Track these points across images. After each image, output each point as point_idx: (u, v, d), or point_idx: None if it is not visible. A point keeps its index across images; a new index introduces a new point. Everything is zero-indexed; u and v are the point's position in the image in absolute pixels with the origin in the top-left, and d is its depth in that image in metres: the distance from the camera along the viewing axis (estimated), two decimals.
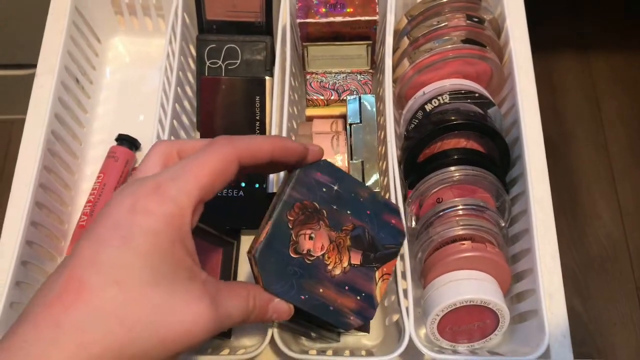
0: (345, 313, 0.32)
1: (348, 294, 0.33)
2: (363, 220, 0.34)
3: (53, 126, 0.50)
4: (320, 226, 0.32)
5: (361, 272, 0.33)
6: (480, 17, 0.50)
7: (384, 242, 0.34)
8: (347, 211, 0.33)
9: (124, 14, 0.60)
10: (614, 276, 1.13)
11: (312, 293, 0.32)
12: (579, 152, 1.23)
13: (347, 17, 0.49)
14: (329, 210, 0.33)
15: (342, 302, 0.32)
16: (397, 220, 0.36)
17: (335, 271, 0.32)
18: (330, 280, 0.32)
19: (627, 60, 1.30)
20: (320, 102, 0.52)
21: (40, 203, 0.48)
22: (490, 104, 0.48)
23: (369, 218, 0.34)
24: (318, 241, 0.32)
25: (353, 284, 0.33)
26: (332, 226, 0.33)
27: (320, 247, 0.32)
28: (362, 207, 0.34)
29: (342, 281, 0.33)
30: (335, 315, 0.32)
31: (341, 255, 0.33)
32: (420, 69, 0.49)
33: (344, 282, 0.33)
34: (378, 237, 0.34)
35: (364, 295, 0.33)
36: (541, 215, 0.45)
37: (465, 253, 0.44)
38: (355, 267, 0.33)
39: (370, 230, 0.34)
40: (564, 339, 0.41)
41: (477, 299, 0.42)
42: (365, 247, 0.34)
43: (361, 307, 0.33)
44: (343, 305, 0.32)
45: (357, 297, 0.33)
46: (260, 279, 0.31)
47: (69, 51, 0.53)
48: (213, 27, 0.55)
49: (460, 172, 0.46)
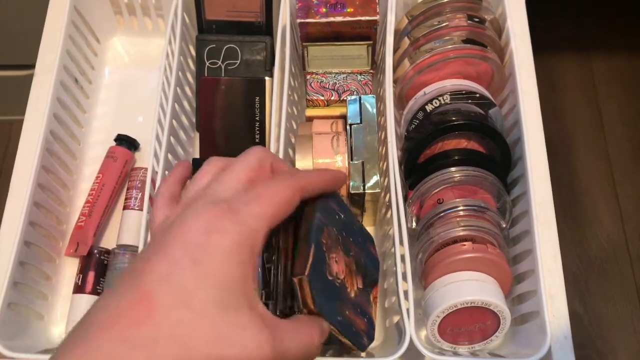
0: (361, 334, 0.33)
1: (360, 315, 0.34)
2: (359, 247, 0.35)
3: (52, 126, 0.50)
4: (340, 251, 0.33)
5: (363, 296, 0.35)
6: (481, 17, 0.50)
7: (369, 268, 0.36)
8: (351, 238, 0.35)
9: (124, 14, 0.60)
10: (615, 278, 1.12)
11: (343, 314, 0.32)
12: (580, 154, 1.23)
13: (348, 17, 0.49)
14: (342, 237, 0.34)
15: (358, 323, 0.33)
16: (374, 249, 0.38)
17: (352, 294, 0.33)
18: (350, 302, 0.33)
19: (627, 61, 1.30)
20: (321, 102, 0.51)
21: (39, 203, 0.48)
22: (491, 105, 0.48)
23: (360, 245, 0.36)
24: (341, 265, 0.33)
25: (361, 306, 0.34)
26: (345, 252, 0.34)
27: (342, 271, 0.33)
28: (357, 235, 0.36)
29: (356, 303, 0.34)
30: (356, 336, 0.33)
31: (354, 278, 0.34)
32: (421, 69, 0.49)
33: (357, 304, 0.34)
34: (366, 264, 0.36)
35: (367, 317, 0.34)
36: (542, 216, 0.45)
37: (466, 254, 0.44)
38: (360, 290, 0.34)
39: (363, 257, 0.36)
40: (565, 341, 0.41)
41: (478, 300, 0.42)
42: (363, 273, 0.35)
43: (367, 328, 0.34)
44: (359, 326, 0.33)
45: (364, 318, 0.34)
46: (311, 299, 0.31)
47: (68, 51, 0.53)
48: (213, 27, 0.55)
49: (461, 172, 0.45)
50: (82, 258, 0.50)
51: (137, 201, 0.52)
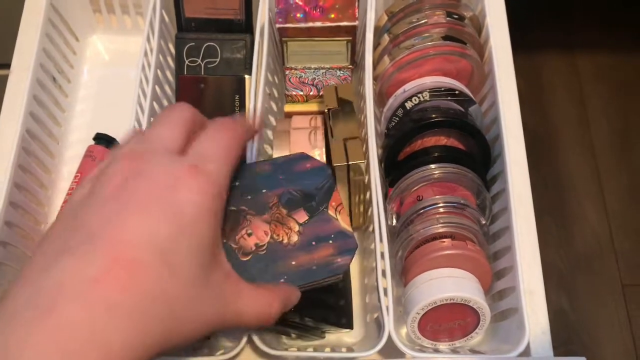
0: (329, 261, 0.32)
1: (319, 245, 0.33)
2: (282, 186, 0.34)
3: (28, 124, 0.49)
4: (249, 220, 0.33)
5: (316, 222, 0.33)
6: (461, 15, 0.50)
7: (314, 185, 0.34)
8: (263, 190, 0.34)
9: (102, 12, 0.59)
10: (601, 275, 1.13)
11: (289, 270, 0.32)
12: (566, 152, 1.23)
13: (327, 22, 0.49)
14: (246, 203, 0.33)
15: (320, 255, 0.33)
16: (311, 162, 0.35)
17: (293, 239, 0.33)
18: (295, 249, 0.32)
19: (612, 60, 1.31)
20: (300, 97, 0.51)
21: (15, 203, 0.47)
22: (471, 102, 0.48)
23: (284, 181, 0.34)
24: (258, 232, 0.32)
25: (316, 236, 0.33)
26: (260, 212, 0.33)
27: (264, 234, 0.32)
28: (271, 178, 0.34)
29: (305, 242, 0.33)
30: (322, 270, 0.32)
31: (287, 224, 0.33)
32: (401, 66, 0.49)
33: (308, 241, 0.33)
34: (305, 187, 0.34)
35: (333, 236, 0.33)
36: (521, 212, 0.45)
37: (445, 251, 0.43)
38: (307, 222, 0.33)
39: (295, 188, 0.34)
40: (544, 336, 0.41)
41: (457, 296, 0.42)
42: (302, 203, 0.34)
43: (339, 246, 0.33)
44: (323, 257, 0.33)
45: (329, 241, 0.33)
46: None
47: (45, 49, 0.52)
48: (192, 25, 0.54)
49: (440, 169, 0.45)
50: None
51: None
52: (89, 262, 0.23)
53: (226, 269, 0.28)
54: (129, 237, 0.24)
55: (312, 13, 0.49)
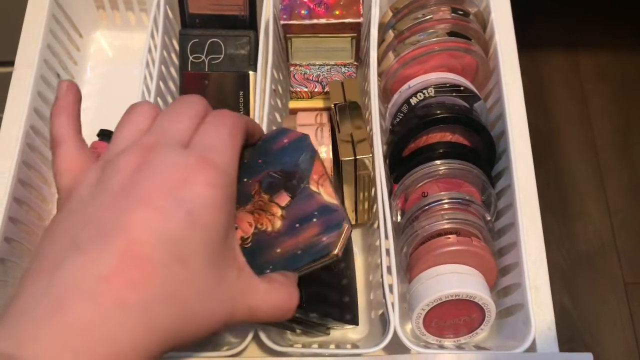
0: (315, 242, 0.30)
1: (303, 227, 0.31)
2: (261, 171, 0.32)
3: (32, 121, 0.49)
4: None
5: (298, 202, 0.31)
6: (466, 10, 0.50)
7: (293, 161, 0.32)
8: (244, 180, 0.32)
9: (106, 8, 0.59)
10: (603, 273, 1.13)
11: (273, 260, 0.30)
12: (568, 150, 1.23)
13: (332, 19, 0.49)
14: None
15: (305, 237, 0.31)
16: (289, 136, 0.33)
17: (277, 225, 0.31)
18: (280, 235, 0.31)
19: (613, 58, 1.31)
20: (304, 94, 0.51)
21: (19, 199, 0.47)
22: (476, 98, 0.48)
23: (264, 164, 0.32)
24: (243, 224, 0.31)
25: (299, 217, 0.31)
26: (243, 204, 0.32)
27: (248, 225, 0.31)
28: (251, 165, 0.33)
29: (289, 226, 0.31)
30: (308, 252, 0.30)
31: (269, 211, 0.31)
32: (406, 62, 0.49)
33: (291, 225, 0.31)
34: (285, 165, 0.32)
35: (317, 213, 0.31)
36: (527, 209, 0.45)
37: (450, 247, 0.43)
38: (289, 204, 0.31)
39: (274, 169, 0.32)
40: (549, 332, 0.41)
41: (463, 293, 0.42)
42: (283, 183, 0.32)
43: (324, 222, 0.31)
44: (307, 238, 0.30)
45: (313, 220, 0.31)
46: None
47: (49, 45, 0.52)
48: (196, 21, 0.54)
49: (445, 165, 0.45)
50: None
51: None
52: (99, 260, 0.23)
53: (240, 264, 0.28)
54: (140, 234, 0.23)
55: (317, 10, 0.49)
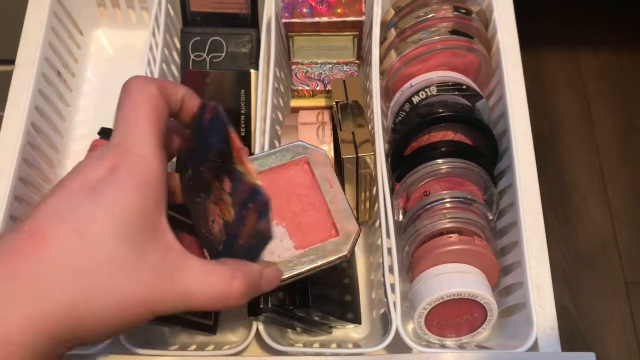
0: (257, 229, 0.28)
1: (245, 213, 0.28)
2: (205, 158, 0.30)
3: (33, 118, 0.49)
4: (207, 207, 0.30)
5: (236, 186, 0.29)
6: (468, 9, 0.50)
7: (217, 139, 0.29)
8: (199, 168, 0.31)
9: (107, 6, 0.59)
10: (604, 272, 1.13)
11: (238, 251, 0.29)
12: (569, 150, 1.23)
13: (334, 17, 0.48)
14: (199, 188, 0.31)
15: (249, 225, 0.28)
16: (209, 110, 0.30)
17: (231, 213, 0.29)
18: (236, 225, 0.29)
19: (615, 57, 1.31)
20: (306, 92, 0.51)
21: (20, 197, 0.47)
22: (478, 97, 0.48)
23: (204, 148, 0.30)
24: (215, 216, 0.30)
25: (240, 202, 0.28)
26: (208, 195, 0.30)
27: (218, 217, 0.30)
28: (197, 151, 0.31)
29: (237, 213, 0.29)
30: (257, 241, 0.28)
31: (224, 200, 0.29)
32: (408, 61, 0.48)
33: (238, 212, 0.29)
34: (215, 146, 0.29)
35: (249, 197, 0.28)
36: (529, 208, 0.45)
37: (452, 246, 0.43)
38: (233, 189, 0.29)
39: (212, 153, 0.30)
40: (552, 331, 0.40)
41: (464, 292, 0.42)
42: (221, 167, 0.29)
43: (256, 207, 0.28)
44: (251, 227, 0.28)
45: (249, 204, 0.28)
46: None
47: (50, 42, 0.52)
48: (197, 19, 0.54)
49: (447, 164, 0.45)
50: None
51: None
52: (9, 238, 0.25)
53: (167, 243, 0.27)
54: (42, 211, 0.25)
55: (319, 8, 0.49)
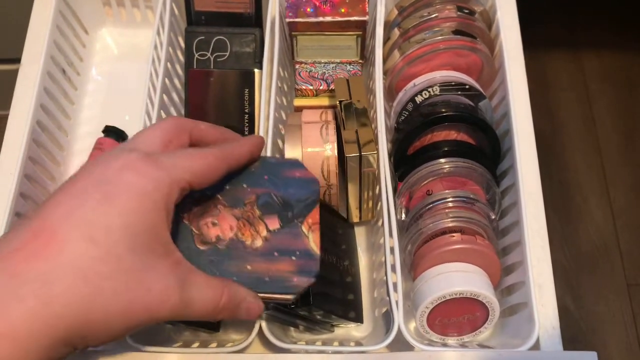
0: (285, 277, 0.31)
1: (281, 258, 0.32)
2: (264, 187, 0.33)
3: (38, 116, 0.49)
4: (219, 210, 0.32)
5: (285, 234, 0.32)
6: (471, 9, 0.50)
7: (297, 196, 0.33)
8: (243, 185, 0.33)
9: (112, 5, 0.59)
10: (605, 273, 1.13)
11: (241, 272, 0.31)
12: (571, 150, 1.23)
13: (337, 16, 0.49)
14: (222, 192, 0.32)
15: (278, 269, 0.32)
16: (301, 172, 0.34)
17: (256, 244, 0.32)
18: (255, 254, 0.32)
19: (617, 59, 1.31)
20: (309, 92, 0.51)
21: (25, 194, 0.47)
22: (481, 96, 0.48)
23: (268, 182, 0.33)
24: (224, 224, 0.31)
25: (281, 247, 0.32)
26: (232, 205, 0.32)
27: (229, 228, 0.32)
28: (256, 175, 0.33)
29: (268, 250, 0.32)
30: (275, 283, 0.31)
31: (255, 227, 0.32)
32: (411, 61, 0.49)
33: (270, 250, 0.32)
34: (288, 195, 0.33)
35: (298, 253, 0.32)
36: (531, 207, 0.45)
37: (455, 245, 0.43)
38: (277, 231, 0.32)
39: (277, 192, 0.33)
40: (553, 330, 0.41)
41: (467, 291, 0.42)
42: (279, 209, 0.33)
43: (300, 265, 0.32)
44: (280, 271, 0.32)
45: (292, 257, 0.32)
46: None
47: (55, 41, 0.53)
48: (202, 19, 0.54)
49: (450, 164, 0.45)
50: None
51: None
52: (16, 236, 0.24)
53: (174, 259, 0.27)
54: (57, 214, 0.24)
55: (322, 7, 0.49)
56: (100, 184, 0.25)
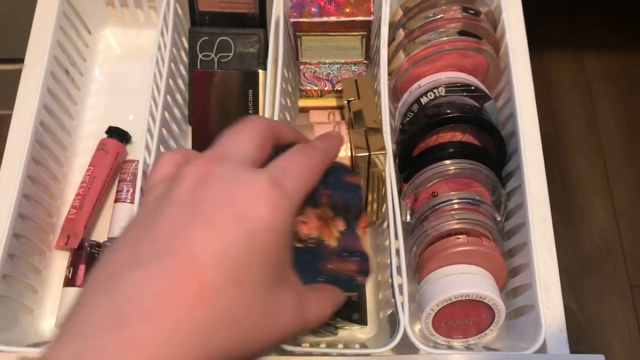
0: (353, 277, 0.33)
1: (349, 258, 0.33)
2: (331, 189, 0.33)
3: (42, 117, 0.49)
4: (305, 209, 0.32)
5: (349, 235, 0.33)
6: (476, 10, 0.50)
7: (352, 201, 0.34)
8: (319, 184, 0.33)
9: (115, 5, 0.59)
10: (608, 275, 1.12)
11: (327, 272, 0.32)
12: (574, 151, 1.23)
13: (342, 17, 0.48)
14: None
15: (348, 268, 0.33)
16: (352, 177, 0.35)
17: (332, 243, 0.33)
18: (332, 253, 0.33)
19: (619, 59, 1.31)
20: (314, 92, 0.51)
21: (29, 195, 0.47)
22: (487, 98, 0.48)
23: (334, 184, 0.34)
24: (311, 222, 0.32)
25: (348, 248, 0.33)
26: (313, 205, 0.32)
27: (316, 227, 0.32)
28: (325, 176, 0.33)
29: (340, 250, 0.33)
30: (348, 282, 0.33)
31: (330, 227, 0.33)
32: (416, 62, 0.48)
33: (341, 250, 0.33)
34: (347, 198, 0.34)
35: (358, 254, 0.33)
36: (537, 209, 0.45)
37: (460, 247, 0.43)
38: (343, 232, 0.33)
39: (340, 195, 0.34)
40: (560, 333, 0.40)
41: (472, 293, 0.42)
42: (343, 212, 0.34)
43: (360, 265, 0.33)
44: (349, 270, 0.33)
45: (354, 257, 0.33)
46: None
47: (59, 41, 0.52)
48: (206, 19, 0.54)
49: (455, 165, 0.45)
50: (72, 251, 0.50)
51: (129, 194, 0.51)
52: (158, 277, 0.23)
53: (295, 286, 0.27)
54: (199, 253, 0.23)
55: (327, 7, 0.49)
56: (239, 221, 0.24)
